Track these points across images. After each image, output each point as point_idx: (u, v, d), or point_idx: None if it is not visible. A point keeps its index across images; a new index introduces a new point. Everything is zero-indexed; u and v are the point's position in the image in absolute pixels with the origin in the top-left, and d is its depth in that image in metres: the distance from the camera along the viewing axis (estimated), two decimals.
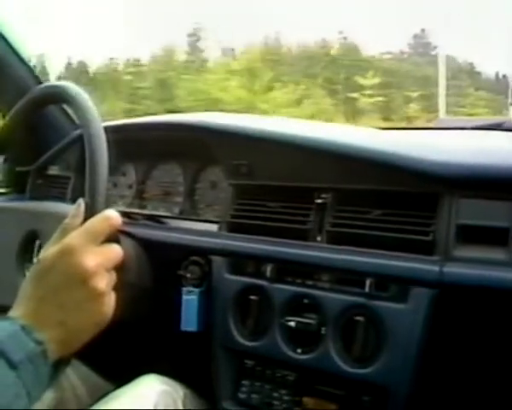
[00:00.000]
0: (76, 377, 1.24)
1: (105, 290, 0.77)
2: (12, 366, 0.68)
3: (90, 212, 0.82)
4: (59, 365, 0.75)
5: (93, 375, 1.36)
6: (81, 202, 0.84)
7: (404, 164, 1.06)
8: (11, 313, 0.74)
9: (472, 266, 0.97)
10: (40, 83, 1.59)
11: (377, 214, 1.09)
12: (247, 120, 1.49)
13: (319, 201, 1.15)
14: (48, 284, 0.75)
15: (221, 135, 1.32)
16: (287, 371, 1.13)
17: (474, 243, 0.98)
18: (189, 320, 1.23)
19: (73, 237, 0.77)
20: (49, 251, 0.78)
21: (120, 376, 1.15)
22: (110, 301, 0.79)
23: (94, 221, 0.80)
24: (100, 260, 0.77)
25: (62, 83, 0.95)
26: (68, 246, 0.76)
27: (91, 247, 0.77)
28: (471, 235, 0.98)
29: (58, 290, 0.75)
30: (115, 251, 0.81)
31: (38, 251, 1.36)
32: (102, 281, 0.77)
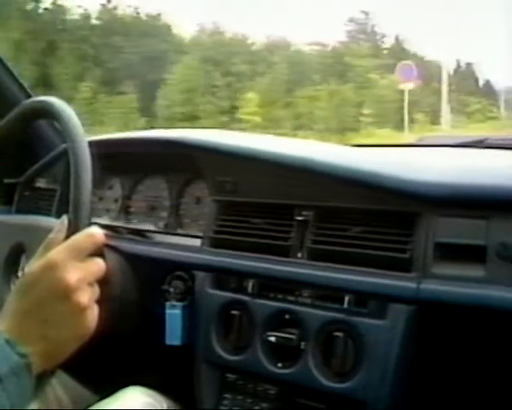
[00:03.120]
0: (60, 387, 1.25)
1: (87, 305, 0.78)
2: None
3: (74, 227, 0.83)
4: (43, 377, 0.77)
5: (77, 386, 1.37)
6: (65, 218, 0.85)
7: (383, 183, 1.08)
8: None
9: (449, 283, 0.98)
10: (29, 97, 1.60)
11: (356, 232, 1.11)
12: (233, 137, 1.51)
13: (300, 218, 1.17)
14: (31, 298, 0.76)
15: (206, 152, 1.33)
16: (268, 385, 1.15)
17: (452, 260, 1.00)
18: (173, 334, 1.25)
19: (57, 253, 0.78)
20: (33, 266, 0.79)
21: (105, 387, 1.17)
22: (93, 315, 0.80)
23: (77, 237, 0.81)
24: (82, 275, 0.78)
25: (49, 98, 0.94)
26: (51, 261, 0.77)
27: (74, 262, 0.78)
28: (449, 252, 1.00)
29: (41, 305, 0.76)
30: (98, 265, 0.82)
31: (24, 264, 1.37)
32: (85, 295, 0.78)
